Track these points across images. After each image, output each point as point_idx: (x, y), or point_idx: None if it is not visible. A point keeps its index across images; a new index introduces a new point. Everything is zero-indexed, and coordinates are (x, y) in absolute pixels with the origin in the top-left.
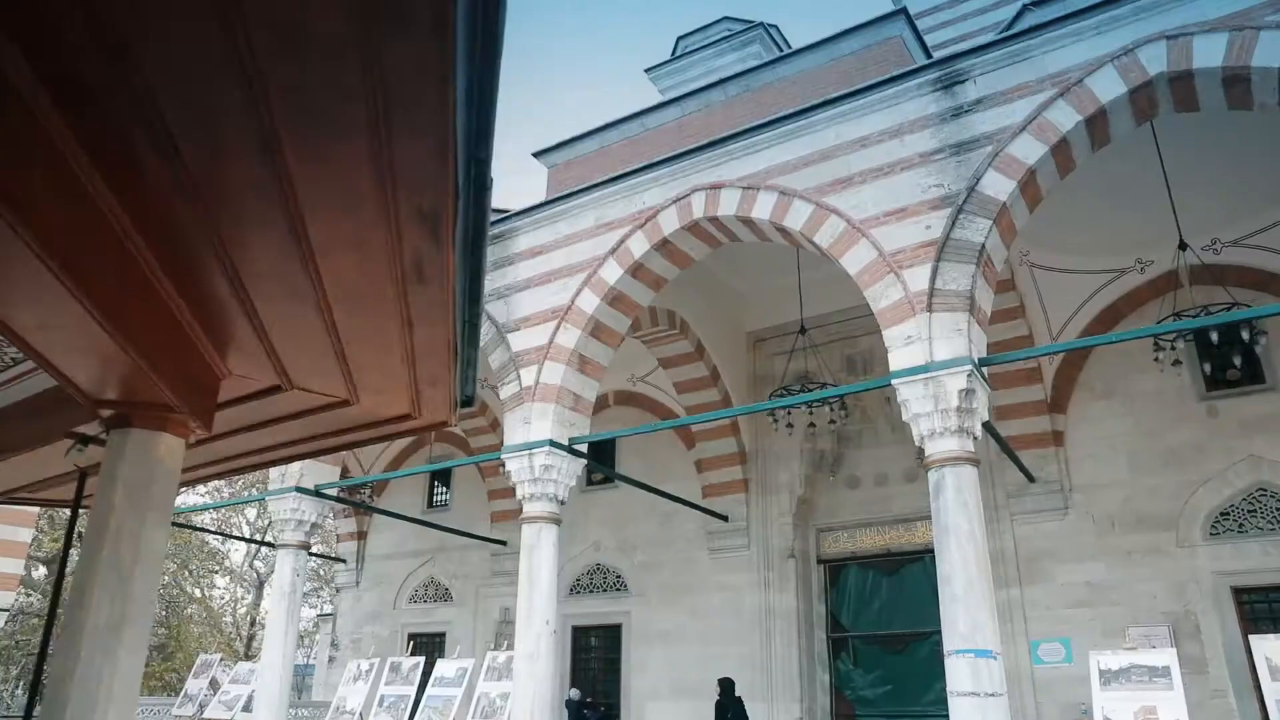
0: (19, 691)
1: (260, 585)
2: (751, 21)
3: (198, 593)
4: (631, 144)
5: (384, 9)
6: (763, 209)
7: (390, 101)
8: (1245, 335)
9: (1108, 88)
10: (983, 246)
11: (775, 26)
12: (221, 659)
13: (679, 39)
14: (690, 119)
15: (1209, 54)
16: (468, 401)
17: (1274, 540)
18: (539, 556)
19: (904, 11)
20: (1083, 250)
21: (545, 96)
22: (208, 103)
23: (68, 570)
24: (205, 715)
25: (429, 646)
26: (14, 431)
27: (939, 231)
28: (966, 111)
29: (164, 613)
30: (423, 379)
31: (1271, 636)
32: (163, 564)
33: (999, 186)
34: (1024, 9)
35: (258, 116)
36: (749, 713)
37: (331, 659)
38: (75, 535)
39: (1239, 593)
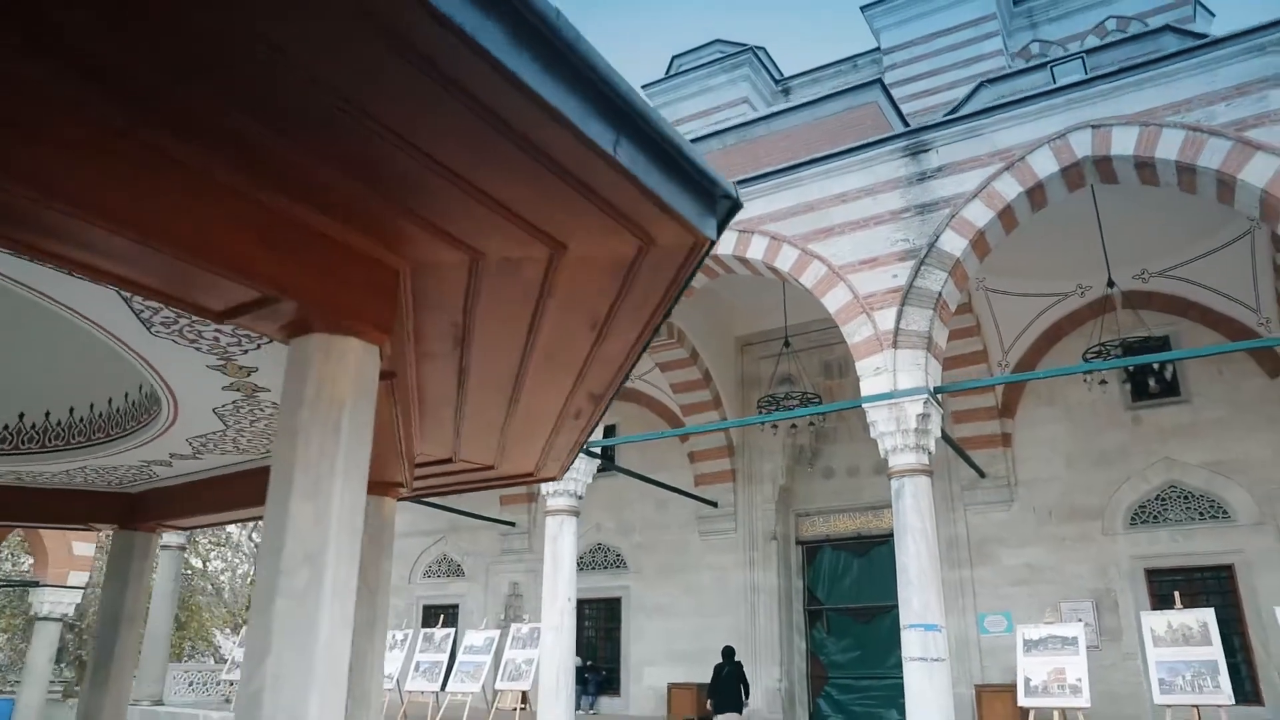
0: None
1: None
2: (743, 45)
3: (197, 563)
4: None
5: (607, 329)
6: (756, 251)
7: (598, 362)
8: (1156, 367)
9: (1044, 165)
10: (940, 294)
11: (763, 48)
12: None
13: (674, 58)
14: None
15: (1124, 143)
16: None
17: (1180, 529)
18: (561, 544)
19: (880, 81)
20: (1031, 276)
21: None
22: (497, 349)
23: None
24: None
25: (442, 618)
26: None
27: (904, 280)
28: (929, 177)
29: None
30: (549, 457)
31: (1157, 613)
32: (391, 583)
33: (954, 244)
34: (981, 84)
35: (522, 363)
36: (740, 676)
37: None
38: None
39: (1150, 573)
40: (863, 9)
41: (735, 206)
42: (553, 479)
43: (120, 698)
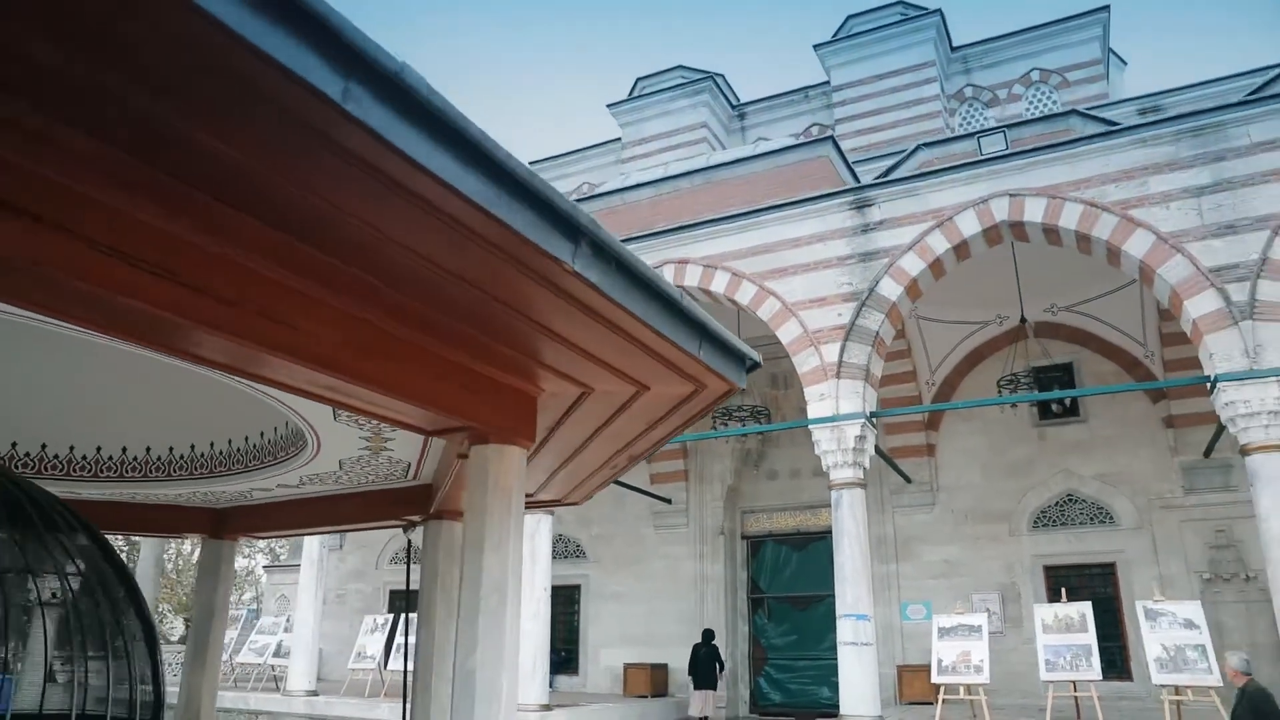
0: None
1: None
2: (704, 72)
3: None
4: (612, 213)
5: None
6: (719, 284)
7: (643, 439)
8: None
9: (969, 225)
10: (877, 332)
11: (722, 75)
12: (248, 612)
13: (638, 79)
14: (662, 199)
15: (1034, 212)
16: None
17: (1075, 532)
18: (539, 539)
19: (831, 139)
20: (956, 306)
21: (505, 125)
22: (574, 433)
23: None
24: (238, 660)
25: (408, 601)
26: (368, 509)
27: (847, 319)
28: (872, 229)
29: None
30: (579, 490)
31: (1046, 605)
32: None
33: (891, 289)
34: (919, 147)
35: (588, 440)
36: (716, 656)
37: None
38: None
39: (1049, 569)
40: (815, 47)
41: (756, 365)
42: (575, 504)
43: (214, 675)
